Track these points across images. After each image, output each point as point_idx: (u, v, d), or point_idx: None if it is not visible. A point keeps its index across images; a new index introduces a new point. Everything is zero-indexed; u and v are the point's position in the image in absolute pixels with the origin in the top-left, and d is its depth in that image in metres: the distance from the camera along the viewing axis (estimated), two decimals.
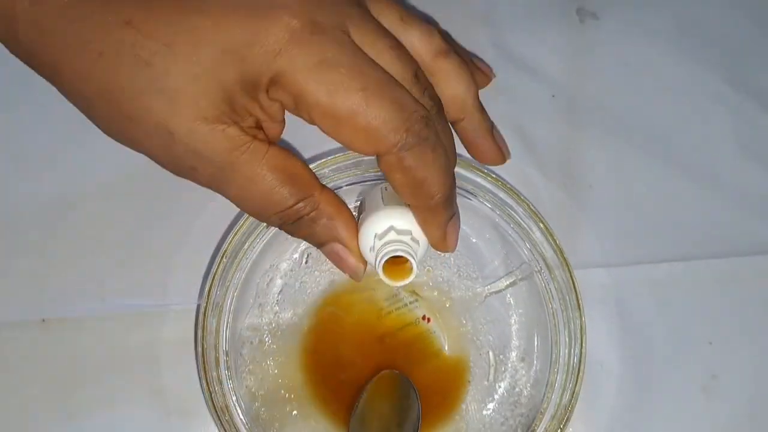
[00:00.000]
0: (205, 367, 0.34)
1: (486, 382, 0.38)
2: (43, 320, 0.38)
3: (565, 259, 0.36)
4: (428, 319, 0.39)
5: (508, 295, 0.39)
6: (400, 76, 0.26)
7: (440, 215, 0.28)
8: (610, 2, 0.44)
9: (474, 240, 0.39)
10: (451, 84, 0.29)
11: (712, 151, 0.42)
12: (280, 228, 0.28)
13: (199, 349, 0.34)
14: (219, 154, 0.26)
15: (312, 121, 0.25)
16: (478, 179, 0.36)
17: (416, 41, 0.28)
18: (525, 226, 0.36)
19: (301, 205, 0.27)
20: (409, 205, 0.29)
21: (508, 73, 0.43)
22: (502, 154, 0.32)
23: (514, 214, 0.36)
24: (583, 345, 0.35)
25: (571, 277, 0.35)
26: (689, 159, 0.42)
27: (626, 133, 0.42)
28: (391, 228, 0.29)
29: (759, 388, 0.39)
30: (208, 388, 0.34)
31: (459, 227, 0.30)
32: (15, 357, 0.38)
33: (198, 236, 0.39)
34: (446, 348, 0.39)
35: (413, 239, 0.29)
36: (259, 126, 0.27)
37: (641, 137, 0.42)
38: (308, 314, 0.38)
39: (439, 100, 0.27)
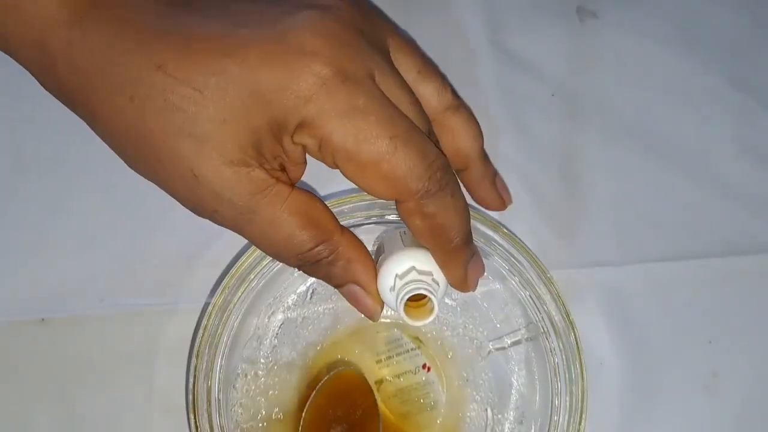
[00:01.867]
0: (195, 401, 0.34)
1: None
2: (43, 319, 0.38)
3: (572, 324, 0.35)
4: (428, 368, 0.38)
5: (512, 353, 0.38)
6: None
7: (460, 257, 0.29)
8: (610, 2, 0.44)
9: (482, 292, 0.38)
10: (458, 138, 0.30)
11: (712, 150, 0.42)
12: (299, 269, 0.29)
13: (191, 379, 0.34)
14: (242, 197, 0.26)
15: (335, 165, 0.26)
16: (489, 232, 0.36)
17: (429, 94, 0.29)
18: (535, 285, 0.36)
19: (320, 248, 0.28)
20: (428, 248, 0.29)
21: (508, 71, 0.43)
22: (502, 201, 0.35)
23: (525, 272, 0.36)
24: (584, 415, 0.34)
25: (577, 343, 0.35)
26: (689, 158, 0.42)
27: (626, 131, 0.42)
28: (412, 268, 0.29)
29: (759, 386, 0.39)
30: (196, 424, 0.33)
31: (481, 267, 0.30)
32: (14, 356, 0.38)
33: (200, 236, 0.39)
34: (443, 400, 0.38)
35: (434, 280, 0.29)
36: (282, 168, 0.27)
37: (641, 136, 0.42)
38: (307, 352, 0.38)
39: (445, 155, 0.28)
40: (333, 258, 0.28)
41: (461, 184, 0.30)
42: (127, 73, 0.25)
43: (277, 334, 0.38)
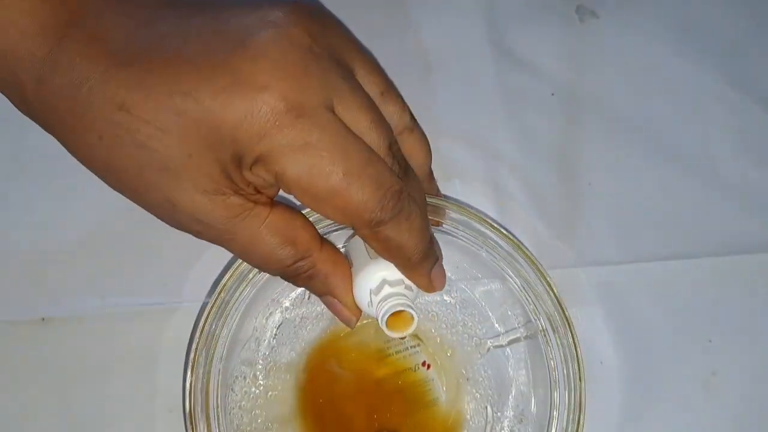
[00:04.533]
0: (192, 407, 0.34)
1: None
2: (43, 319, 0.38)
3: (569, 323, 0.35)
4: (428, 366, 0.38)
5: (511, 352, 0.38)
6: (377, 148, 0.27)
7: (421, 269, 0.30)
8: (610, 1, 0.44)
9: (481, 291, 0.39)
10: (411, 157, 0.30)
11: (711, 149, 0.42)
12: (281, 278, 0.30)
13: (188, 386, 0.34)
14: (220, 222, 0.27)
15: (292, 195, 0.27)
16: (488, 232, 0.36)
17: (390, 116, 0.29)
18: (533, 285, 0.36)
19: (299, 264, 0.29)
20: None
21: (508, 71, 0.43)
22: (435, 222, 0.35)
23: (522, 271, 0.36)
24: (582, 413, 0.34)
25: (575, 342, 0.35)
26: (688, 157, 0.42)
27: (625, 131, 0.42)
28: (383, 281, 0.30)
29: (759, 385, 0.39)
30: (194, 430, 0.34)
31: (443, 271, 0.32)
32: (14, 356, 0.38)
33: None
34: (443, 398, 0.38)
35: (407, 287, 0.31)
36: (258, 191, 0.28)
37: (640, 135, 0.42)
38: (306, 352, 0.38)
39: (407, 163, 0.29)
40: (311, 273, 0.30)
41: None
42: (94, 112, 0.25)
43: (275, 334, 0.38)
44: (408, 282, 0.31)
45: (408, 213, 0.28)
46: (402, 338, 0.31)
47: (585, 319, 0.39)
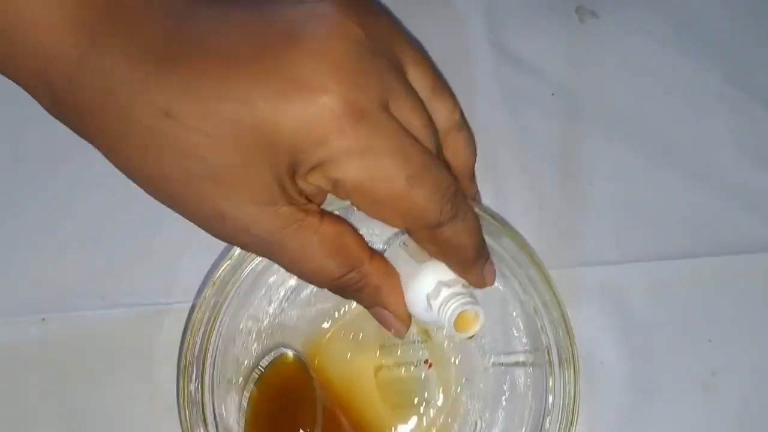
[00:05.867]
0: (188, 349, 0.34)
1: None
2: (43, 319, 0.38)
3: (575, 362, 0.35)
4: (430, 365, 0.38)
5: (515, 373, 0.38)
6: (430, 149, 0.26)
7: (475, 267, 0.30)
8: (610, 1, 0.44)
9: (497, 307, 0.38)
10: (454, 158, 0.30)
11: (711, 149, 0.42)
12: (329, 290, 0.29)
13: (188, 335, 0.34)
14: (271, 233, 0.26)
15: (348, 200, 0.26)
16: (516, 252, 0.35)
17: (440, 113, 0.28)
18: (549, 316, 0.35)
19: (349, 276, 0.28)
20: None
21: (508, 71, 0.43)
22: None
23: (546, 300, 0.35)
24: None
25: (575, 383, 0.34)
26: (689, 157, 0.42)
27: (626, 131, 0.42)
28: (439, 284, 0.30)
29: (759, 385, 0.39)
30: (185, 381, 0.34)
31: (493, 267, 0.31)
32: (14, 356, 0.38)
33: (203, 234, 0.39)
34: (438, 402, 0.37)
35: (464, 285, 0.30)
36: (309, 199, 0.27)
37: (641, 135, 0.42)
38: (315, 321, 0.38)
39: (455, 178, 0.28)
40: (361, 285, 0.29)
41: None
42: (135, 119, 0.24)
43: (288, 297, 0.37)
44: (462, 280, 0.30)
45: (464, 213, 0.27)
46: (470, 338, 0.30)
47: (585, 319, 0.39)
